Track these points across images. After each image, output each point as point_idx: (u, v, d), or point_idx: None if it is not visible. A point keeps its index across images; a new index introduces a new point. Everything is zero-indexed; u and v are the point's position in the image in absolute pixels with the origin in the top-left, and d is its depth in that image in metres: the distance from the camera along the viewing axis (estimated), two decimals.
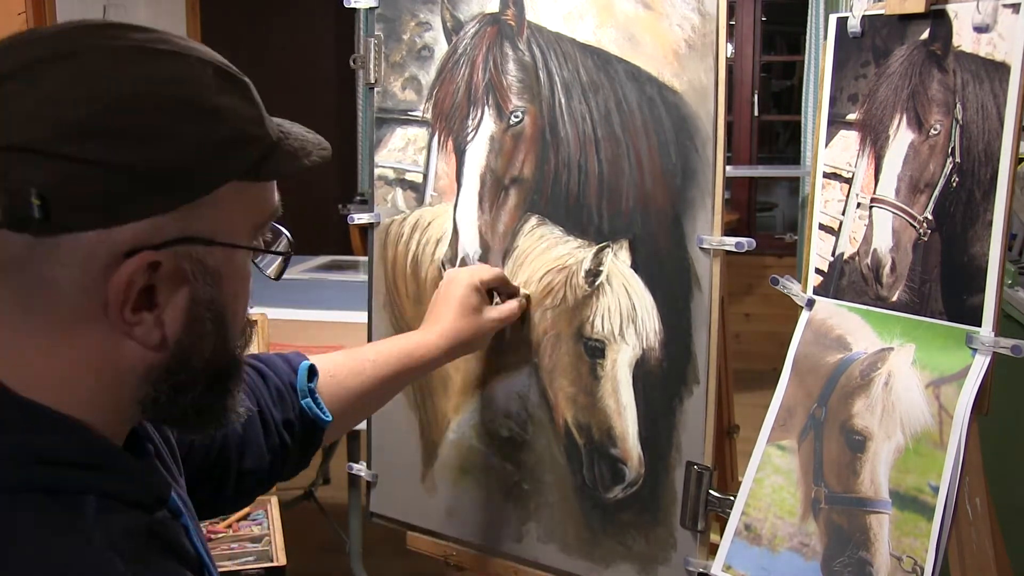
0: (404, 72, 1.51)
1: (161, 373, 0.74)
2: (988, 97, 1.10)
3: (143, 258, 0.69)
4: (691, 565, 1.31)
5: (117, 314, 0.70)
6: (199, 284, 0.73)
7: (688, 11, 1.25)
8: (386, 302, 1.57)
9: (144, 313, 0.71)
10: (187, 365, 0.75)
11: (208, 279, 0.73)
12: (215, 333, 0.76)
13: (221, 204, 0.73)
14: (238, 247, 0.75)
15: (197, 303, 0.73)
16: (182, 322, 0.73)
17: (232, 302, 0.77)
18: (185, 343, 0.74)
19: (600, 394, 1.37)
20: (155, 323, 0.72)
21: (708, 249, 1.26)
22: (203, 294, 0.74)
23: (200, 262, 0.72)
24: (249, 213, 0.76)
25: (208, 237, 0.72)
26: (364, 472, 1.63)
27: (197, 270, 0.72)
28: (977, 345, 1.11)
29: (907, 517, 1.12)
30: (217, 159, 0.71)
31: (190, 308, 0.73)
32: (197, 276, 0.73)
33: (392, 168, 1.54)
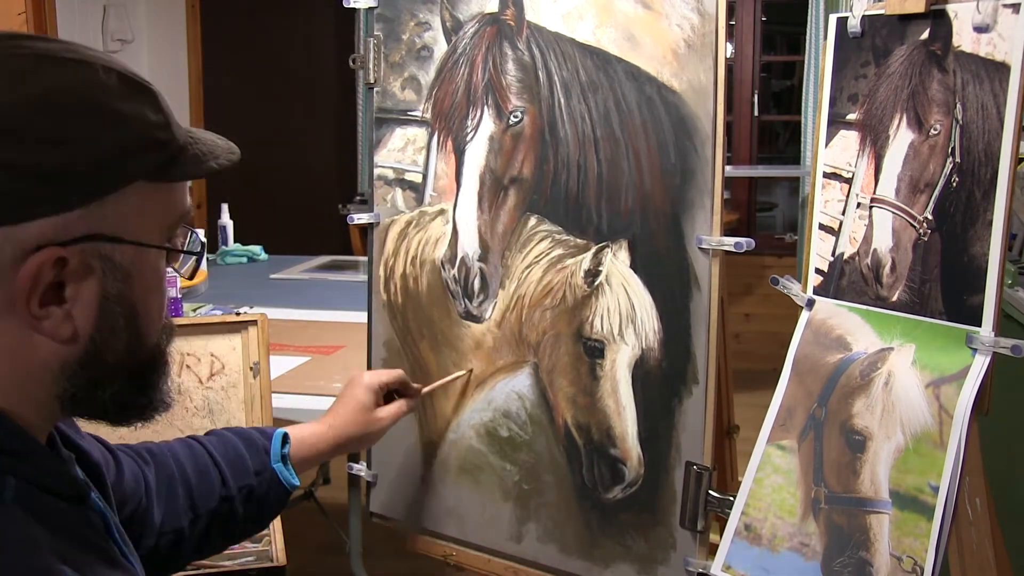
0: (403, 72, 1.51)
1: (75, 368, 0.76)
2: (988, 97, 1.10)
3: (49, 253, 0.71)
4: (691, 565, 1.31)
5: (24, 308, 0.72)
6: (108, 280, 0.75)
7: (687, 11, 1.25)
8: (386, 302, 1.57)
9: (52, 307, 0.73)
10: (101, 360, 0.77)
11: (117, 275, 0.76)
12: (128, 329, 0.78)
13: (128, 204, 0.75)
14: (146, 246, 0.77)
15: (107, 299, 0.75)
16: (93, 317, 0.75)
17: (144, 298, 0.79)
18: (97, 338, 0.76)
19: (599, 394, 1.37)
20: (64, 317, 0.74)
21: (707, 249, 1.26)
22: (113, 290, 0.76)
23: (108, 259, 0.75)
24: (158, 213, 0.79)
25: (116, 235, 0.75)
26: (364, 472, 1.63)
27: (106, 267, 0.75)
28: (977, 345, 1.11)
29: (907, 517, 1.12)
30: (120, 160, 0.74)
31: (100, 304, 0.75)
32: (106, 272, 0.75)
33: (392, 168, 1.54)
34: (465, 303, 1.48)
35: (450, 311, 1.50)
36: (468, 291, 1.47)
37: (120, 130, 0.74)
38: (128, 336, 0.78)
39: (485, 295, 1.46)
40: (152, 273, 0.80)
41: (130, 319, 0.78)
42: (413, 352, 1.55)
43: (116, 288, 0.76)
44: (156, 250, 0.79)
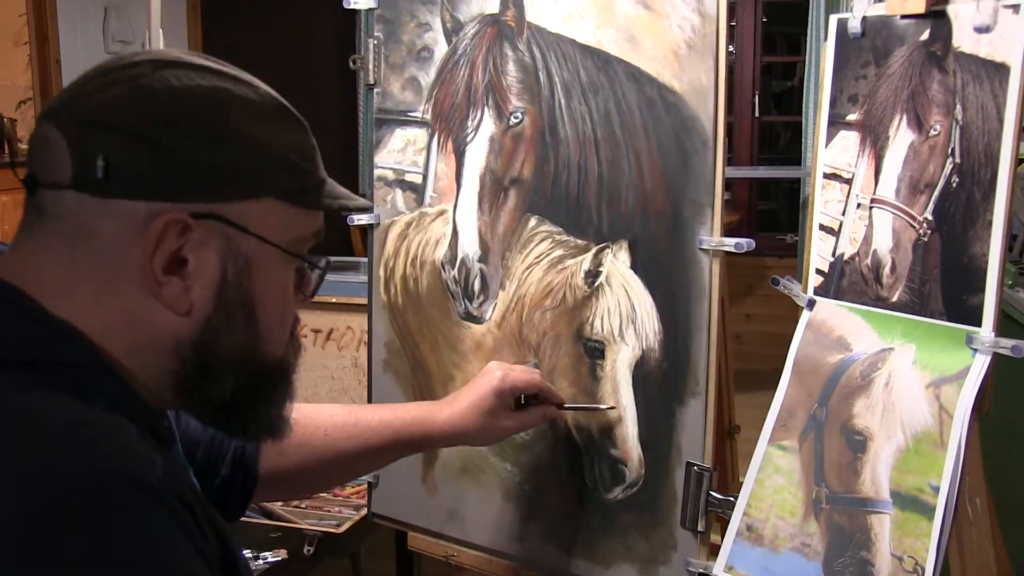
0: (404, 73, 1.52)
1: (188, 348, 0.81)
2: (988, 98, 1.10)
3: (174, 216, 0.77)
4: (692, 566, 1.31)
5: (148, 267, 0.77)
6: (228, 265, 0.80)
7: (688, 12, 1.25)
8: (386, 303, 1.57)
9: (174, 277, 0.79)
10: (215, 346, 0.81)
11: (238, 263, 0.81)
12: (245, 324, 0.82)
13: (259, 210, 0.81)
14: (270, 243, 0.82)
15: (226, 283, 0.80)
16: (210, 298, 0.80)
17: (264, 300, 0.83)
18: (213, 321, 0.80)
19: (600, 395, 1.37)
20: (183, 290, 0.79)
21: (708, 250, 1.26)
22: (233, 276, 0.81)
23: (231, 242, 0.80)
24: (286, 227, 0.84)
25: (242, 223, 0.80)
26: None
27: (227, 249, 0.80)
28: (977, 345, 1.11)
29: (908, 517, 1.12)
30: (262, 173, 0.81)
31: (219, 287, 0.80)
32: (228, 255, 0.80)
33: (391, 169, 1.55)
34: (465, 304, 1.48)
35: (450, 312, 1.50)
36: (468, 292, 1.47)
37: (271, 147, 0.82)
38: (245, 333, 0.83)
39: (485, 296, 1.46)
40: (276, 278, 0.85)
41: (248, 314, 0.82)
42: (413, 353, 1.55)
43: (236, 275, 0.81)
44: (281, 259, 0.84)
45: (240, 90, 0.82)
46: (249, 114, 0.81)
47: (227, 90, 0.81)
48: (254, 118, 0.81)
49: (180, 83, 0.79)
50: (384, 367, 1.58)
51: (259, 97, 0.83)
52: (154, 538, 0.70)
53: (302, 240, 0.86)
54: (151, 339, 0.80)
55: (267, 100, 0.84)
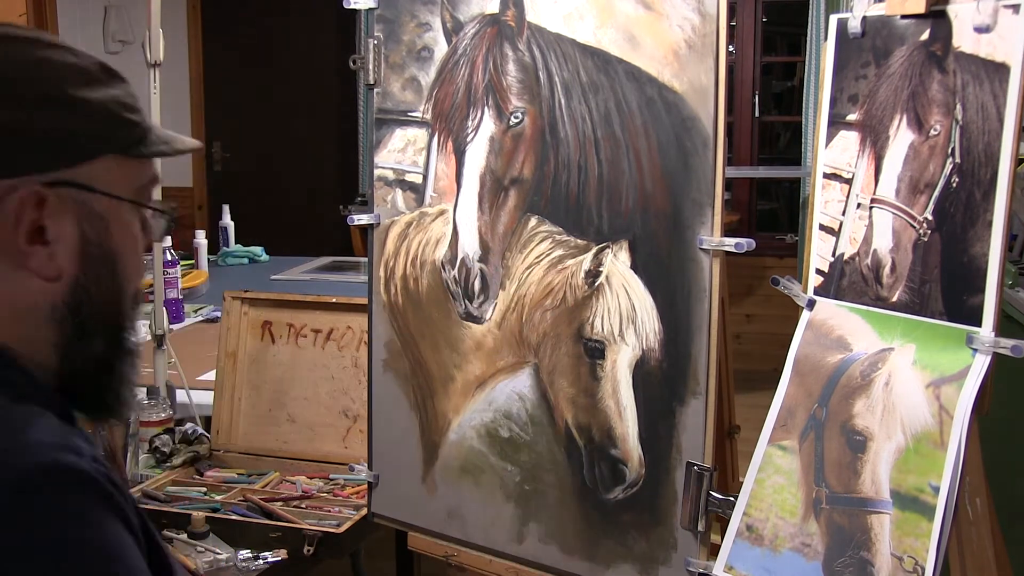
0: (404, 73, 1.51)
1: (63, 310, 0.83)
2: (988, 98, 1.10)
3: (28, 190, 0.79)
4: (692, 565, 1.31)
5: (11, 242, 0.80)
6: (86, 225, 0.83)
7: (688, 12, 1.25)
8: (386, 303, 1.57)
9: (37, 246, 0.81)
10: (88, 305, 0.84)
11: (94, 222, 0.84)
12: (111, 279, 0.86)
13: (101, 168, 0.84)
14: (117, 198, 0.85)
15: (88, 242, 0.83)
16: (76, 258, 0.83)
17: (123, 252, 0.87)
18: (82, 281, 0.83)
19: (600, 395, 1.37)
20: (49, 256, 0.81)
21: (708, 250, 1.26)
22: (92, 235, 0.83)
23: (85, 204, 0.83)
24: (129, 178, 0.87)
25: (89, 184, 0.83)
26: (365, 473, 1.63)
27: (83, 212, 0.83)
28: (977, 345, 1.11)
29: (908, 517, 1.12)
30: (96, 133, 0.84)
31: (82, 246, 0.83)
32: (83, 218, 0.83)
33: (392, 169, 1.55)
34: (465, 304, 1.48)
35: (450, 312, 1.50)
36: (468, 292, 1.47)
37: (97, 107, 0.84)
38: (112, 286, 0.86)
39: (485, 296, 1.46)
40: (128, 230, 0.88)
41: (110, 268, 0.85)
42: (413, 353, 1.55)
43: (95, 234, 0.84)
44: (129, 208, 0.87)
45: (60, 55, 0.84)
46: (74, 77, 0.83)
47: (47, 58, 0.83)
48: (79, 80, 0.83)
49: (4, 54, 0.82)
50: (384, 367, 1.58)
51: (78, 58, 0.85)
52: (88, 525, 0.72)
53: (143, 188, 0.89)
54: (28, 310, 0.82)
55: (87, 59, 0.86)
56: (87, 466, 0.74)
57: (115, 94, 0.86)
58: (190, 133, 4.70)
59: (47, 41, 0.85)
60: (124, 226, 0.87)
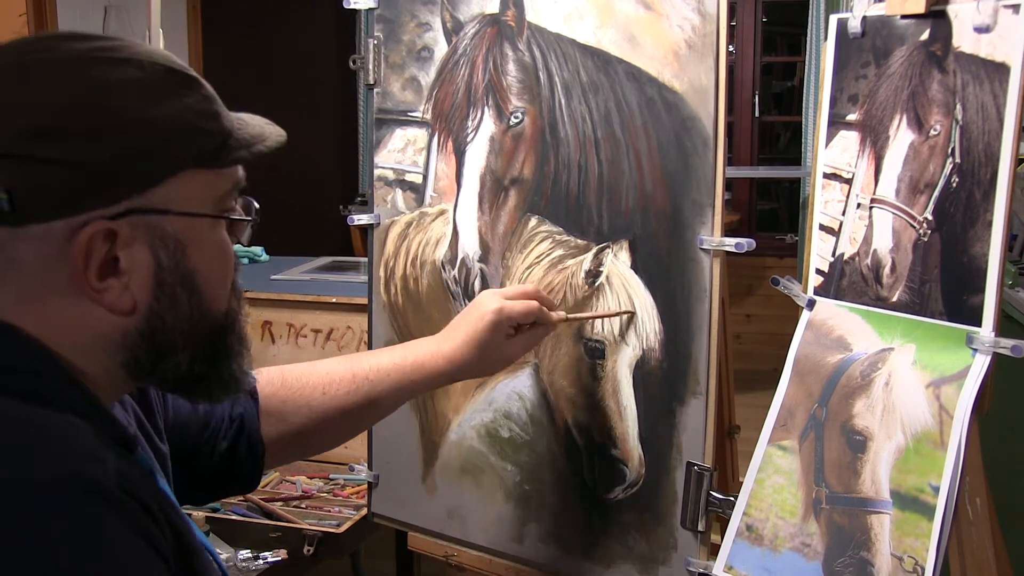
0: (404, 73, 1.51)
1: (136, 339, 0.80)
2: (988, 97, 1.10)
3: (97, 227, 0.75)
4: (692, 566, 1.31)
5: (83, 282, 0.77)
6: (160, 251, 0.79)
7: (688, 12, 1.25)
8: (386, 303, 1.57)
9: (111, 280, 0.78)
10: (163, 330, 0.80)
11: (169, 245, 0.79)
12: (188, 299, 0.81)
13: (175, 184, 0.79)
14: (195, 215, 0.81)
15: (163, 269, 0.79)
16: (150, 287, 0.79)
17: (205, 269, 0.82)
18: (156, 308, 0.80)
19: (600, 395, 1.37)
20: (123, 289, 0.78)
21: (708, 250, 1.26)
22: (167, 260, 0.80)
23: (158, 229, 0.78)
24: (209, 190, 0.82)
25: (162, 207, 0.78)
26: (365, 473, 1.63)
27: (156, 237, 0.79)
28: (977, 345, 1.11)
29: (908, 517, 1.12)
30: (165, 153, 0.78)
31: (156, 274, 0.79)
32: (157, 243, 0.79)
33: (392, 169, 1.55)
34: (465, 304, 1.48)
35: (450, 312, 1.50)
36: (469, 292, 1.47)
37: (165, 124, 0.78)
38: (191, 306, 0.82)
39: None
40: (210, 242, 0.83)
41: (189, 289, 0.81)
42: None
43: (170, 258, 0.80)
44: (212, 220, 0.83)
45: (120, 71, 0.77)
46: (137, 94, 0.77)
47: (105, 79, 0.77)
48: (143, 96, 0.78)
49: (54, 86, 0.75)
50: None
51: (142, 70, 0.78)
52: (98, 537, 0.70)
53: (226, 195, 0.85)
54: (97, 340, 0.80)
55: (151, 70, 0.79)
56: (108, 480, 0.72)
57: (186, 103, 0.80)
58: None
59: (104, 56, 0.78)
60: (204, 240, 0.83)
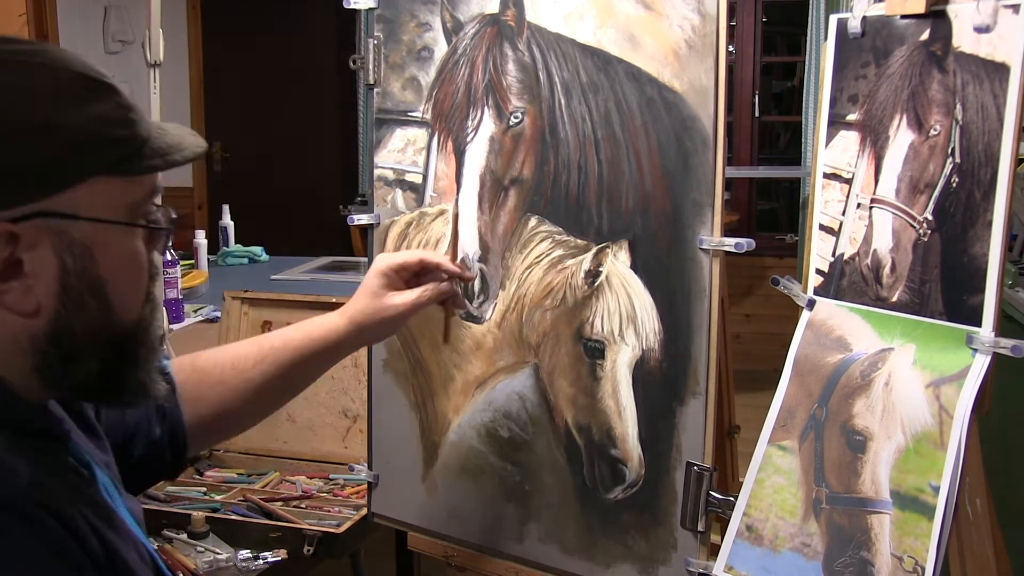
0: (404, 73, 1.51)
1: (44, 343, 0.79)
2: (988, 97, 1.10)
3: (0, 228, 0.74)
4: (692, 566, 1.31)
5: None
6: (66, 255, 0.78)
7: (688, 12, 1.25)
8: None
9: (12, 282, 0.77)
10: (70, 334, 0.80)
11: (75, 251, 0.78)
12: (97, 305, 0.80)
13: (84, 190, 0.78)
14: (103, 221, 0.79)
15: (68, 273, 0.78)
16: (54, 291, 0.78)
17: (115, 277, 0.81)
18: (62, 312, 0.79)
19: (600, 395, 1.37)
20: (25, 291, 0.77)
21: (708, 250, 1.26)
22: (73, 265, 0.78)
23: (64, 234, 0.78)
24: (120, 197, 0.81)
25: (68, 212, 0.77)
26: (365, 473, 1.63)
27: (62, 243, 0.78)
28: (977, 345, 1.11)
29: (908, 517, 1.12)
30: (73, 159, 0.77)
31: (60, 278, 0.78)
32: (63, 248, 0.78)
33: (391, 169, 1.54)
34: (465, 304, 1.48)
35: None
36: (468, 292, 1.47)
37: (73, 131, 0.77)
38: (99, 312, 0.81)
39: (485, 296, 1.46)
40: (120, 249, 0.82)
41: (98, 295, 0.80)
42: (413, 352, 1.55)
43: (77, 263, 0.79)
44: (123, 228, 0.81)
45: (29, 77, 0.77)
46: (50, 101, 0.77)
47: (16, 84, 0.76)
48: (56, 103, 0.77)
49: None
50: (384, 367, 1.58)
51: (53, 76, 0.78)
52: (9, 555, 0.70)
53: (140, 203, 0.83)
54: (6, 342, 0.79)
55: (66, 76, 0.78)
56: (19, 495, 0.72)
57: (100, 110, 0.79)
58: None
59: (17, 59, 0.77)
60: (114, 248, 0.81)
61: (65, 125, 0.77)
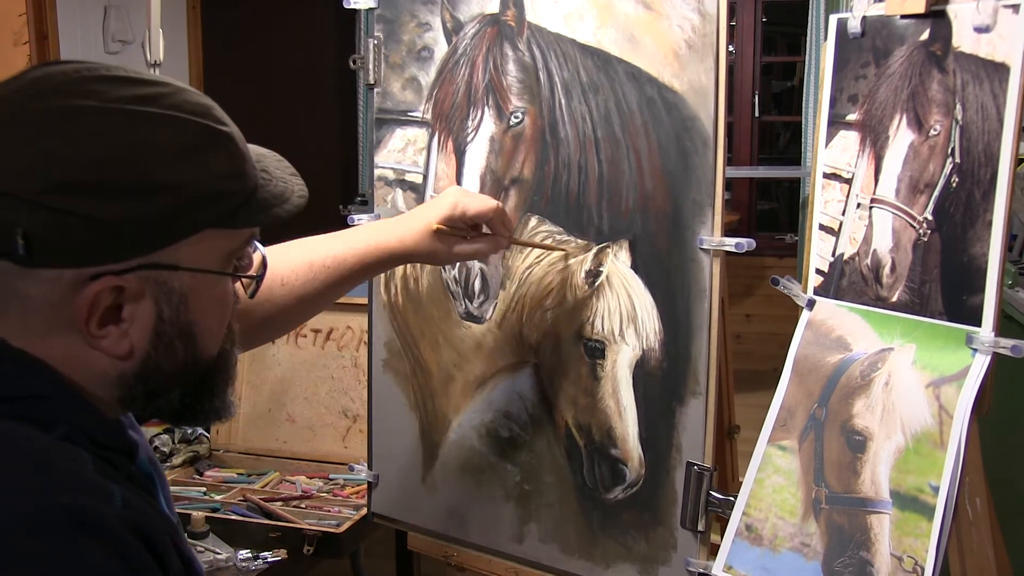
0: (404, 73, 1.51)
1: (131, 380, 0.82)
2: (988, 97, 1.10)
3: (106, 282, 0.77)
4: (691, 565, 1.31)
5: (84, 328, 0.78)
6: (163, 304, 0.80)
7: (688, 12, 1.25)
8: (386, 303, 1.57)
9: (111, 327, 0.79)
10: (157, 374, 0.82)
11: (173, 300, 0.81)
12: (184, 347, 0.83)
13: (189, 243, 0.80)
14: (203, 271, 0.82)
15: (163, 321, 0.81)
16: (148, 337, 0.81)
17: (203, 319, 0.84)
18: (152, 355, 0.81)
19: (600, 395, 1.37)
20: (121, 336, 0.79)
21: (708, 250, 1.26)
22: (168, 313, 0.81)
23: (165, 284, 0.80)
24: (220, 247, 0.83)
25: (172, 263, 0.79)
26: (365, 473, 1.63)
27: (161, 292, 0.80)
28: (977, 345, 1.11)
29: (908, 517, 1.12)
30: (186, 217, 0.79)
31: (156, 325, 0.81)
32: (161, 298, 0.80)
33: (392, 169, 1.55)
34: (466, 304, 1.48)
35: (450, 312, 1.50)
36: (469, 292, 1.47)
37: (190, 189, 0.78)
38: (185, 353, 0.83)
39: (486, 296, 1.46)
40: (213, 294, 0.85)
41: (185, 339, 0.83)
42: (413, 352, 1.55)
43: (172, 311, 0.81)
44: (217, 278, 0.84)
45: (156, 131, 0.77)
46: (169, 156, 0.77)
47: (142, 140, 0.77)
48: (175, 158, 0.78)
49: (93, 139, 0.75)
50: (384, 367, 1.58)
51: (177, 129, 0.78)
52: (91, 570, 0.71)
53: (238, 250, 0.86)
54: (95, 376, 0.81)
55: (186, 128, 0.79)
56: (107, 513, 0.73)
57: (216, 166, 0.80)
58: None
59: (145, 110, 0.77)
60: (207, 294, 0.84)
61: (179, 184, 0.78)
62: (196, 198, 0.79)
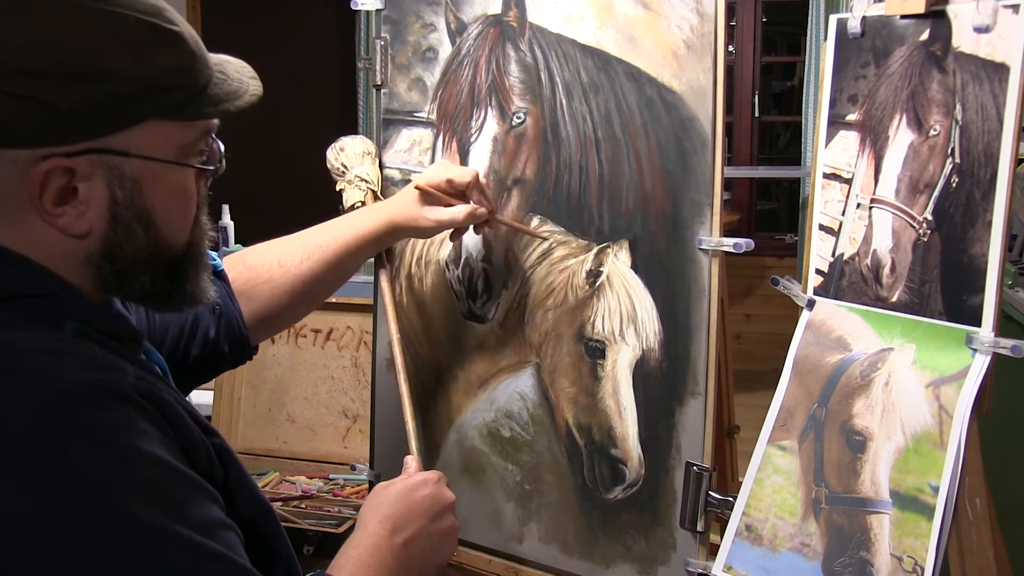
0: (410, 73, 1.52)
1: (98, 259, 0.87)
2: (988, 98, 1.10)
3: (55, 163, 0.81)
4: (691, 566, 1.31)
5: (38, 204, 0.83)
6: (116, 189, 0.85)
7: (687, 12, 1.26)
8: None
9: (66, 207, 0.84)
10: (120, 253, 0.88)
11: (127, 184, 0.85)
12: (144, 232, 0.88)
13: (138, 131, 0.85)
14: (154, 159, 0.86)
15: (117, 203, 0.86)
16: (105, 218, 0.86)
17: (162, 208, 0.89)
18: (112, 236, 0.87)
19: (600, 395, 1.37)
20: (77, 216, 0.84)
21: (708, 250, 1.27)
22: (123, 197, 0.86)
23: (116, 169, 0.84)
24: (172, 138, 0.88)
25: (123, 150, 0.84)
26: (367, 472, 1.63)
27: (114, 176, 0.85)
28: (977, 345, 1.11)
29: (907, 517, 1.12)
30: (137, 103, 0.83)
31: (111, 207, 0.86)
32: (114, 182, 0.85)
33: (398, 169, 1.55)
34: (469, 303, 1.48)
35: (454, 311, 1.50)
36: (472, 291, 1.47)
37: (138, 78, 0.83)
38: (146, 237, 0.88)
39: (488, 295, 1.46)
40: (168, 184, 0.89)
41: (145, 224, 0.88)
42: (417, 351, 1.55)
43: (127, 196, 0.86)
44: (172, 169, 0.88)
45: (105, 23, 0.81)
46: (118, 47, 0.82)
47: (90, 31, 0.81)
48: (123, 49, 0.82)
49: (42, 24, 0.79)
50: (388, 366, 1.59)
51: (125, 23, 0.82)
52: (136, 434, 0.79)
53: (192, 144, 0.90)
54: (63, 261, 0.86)
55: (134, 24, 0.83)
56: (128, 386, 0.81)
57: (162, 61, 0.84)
58: None
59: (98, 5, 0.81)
60: (163, 182, 0.88)
61: (126, 74, 0.82)
62: (141, 89, 0.83)
